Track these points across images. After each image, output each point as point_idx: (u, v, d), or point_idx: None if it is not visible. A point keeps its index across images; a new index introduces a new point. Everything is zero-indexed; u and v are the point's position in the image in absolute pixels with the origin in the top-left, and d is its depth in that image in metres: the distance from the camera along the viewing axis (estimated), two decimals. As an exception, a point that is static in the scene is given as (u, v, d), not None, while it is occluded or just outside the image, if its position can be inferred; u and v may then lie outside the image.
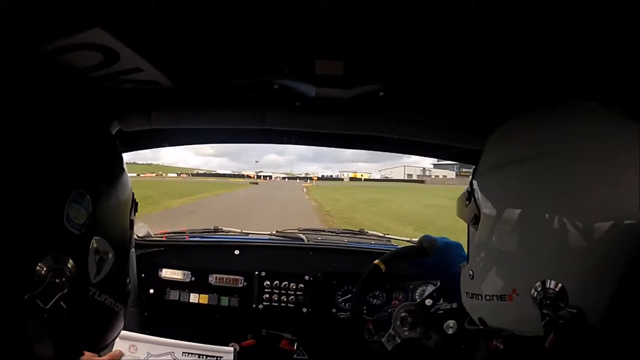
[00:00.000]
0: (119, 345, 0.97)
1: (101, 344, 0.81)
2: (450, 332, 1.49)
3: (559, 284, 0.63)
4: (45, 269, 0.60)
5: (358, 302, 1.43)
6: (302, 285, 1.66)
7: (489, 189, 0.75)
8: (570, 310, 0.62)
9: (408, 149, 1.40)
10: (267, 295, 1.66)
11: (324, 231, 2.05)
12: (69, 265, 0.63)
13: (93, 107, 0.84)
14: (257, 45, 0.83)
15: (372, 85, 0.99)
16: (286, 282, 1.66)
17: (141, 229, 1.74)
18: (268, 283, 1.66)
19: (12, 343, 0.58)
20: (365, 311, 1.52)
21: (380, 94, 1.02)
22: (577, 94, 0.76)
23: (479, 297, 0.75)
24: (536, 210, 0.66)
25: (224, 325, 1.67)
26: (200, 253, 1.76)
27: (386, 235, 1.99)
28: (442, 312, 1.49)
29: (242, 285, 1.66)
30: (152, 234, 1.82)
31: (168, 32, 0.76)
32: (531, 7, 0.61)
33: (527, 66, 0.80)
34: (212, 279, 1.66)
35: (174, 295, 1.65)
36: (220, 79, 1.03)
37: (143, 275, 1.65)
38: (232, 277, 1.67)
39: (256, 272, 1.67)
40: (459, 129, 1.15)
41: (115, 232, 0.77)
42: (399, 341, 1.42)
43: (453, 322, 1.48)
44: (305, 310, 1.65)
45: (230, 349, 1.05)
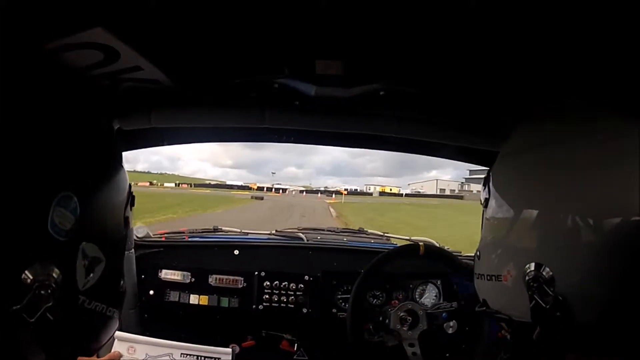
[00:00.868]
0: (117, 347, 0.97)
1: (94, 347, 0.79)
2: (450, 331, 1.49)
3: (547, 269, 0.65)
4: (29, 280, 0.57)
5: (357, 299, 1.43)
6: (302, 285, 1.65)
7: (497, 175, 0.80)
8: (556, 297, 0.64)
9: (408, 148, 1.40)
10: (267, 296, 1.65)
11: (323, 230, 2.04)
12: (54, 275, 0.60)
13: (84, 103, 0.82)
14: (257, 44, 0.83)
15: (371, 85, 0.99)
16: (286, 282, 1.66)
17: (140, 230, 1.73)
18: (268, 283, 1.66)
19: (3, 354, 0.57)
20: (365, 311, 1.52)
21: (380, 93, 1.02)
22: (577, 92, 0.76)
23: (482, 277, 0.79)
24: (535, 196, 0.70)
25: (224, 326, 1.66)
26: (200, 253, 1.75)
27: (385, 234, 1.98)
28: (442, 312, 1.49)
29: (242, 286, 1.65)
30: (152, 234, 1.81)
31: (168, 31, 0.76)
32: (531, 7, 0.61)
33: (527, 65, 0.79)
34: (212, 279, 1.65)
35: (173, 296, 1.64)
36: (220, 78, 1.02)
37: (143, 276, 1.65)
38: (232, 277, 1.66)
39: (256, 272, 1.66)
40: (459, 127, 1.15)
41: (106, 235, 0.74)
42: (397, 341, 1.42)
43: (453, 322, 1.48)
44: (305, 310, 1.64)
45: (229, 350, 1.05)
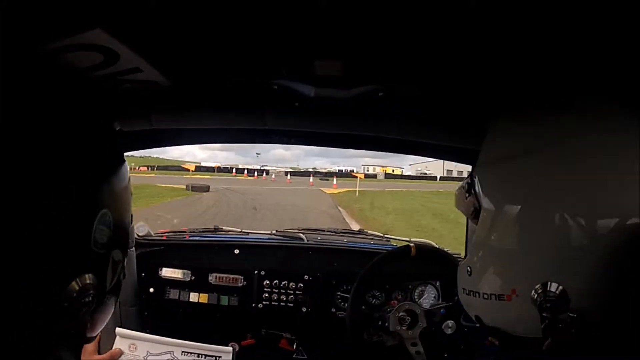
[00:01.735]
0: (118, 344, 0.98)
1: (94, 334, 0.81)
2: (449, 332, 1.50)
3: (560, 287, 0.61)
4: (75, 290, 0.61)
5: (356, 300, 1.44)
6: (302, 285, 1.66)
7: (491, 183, 0.73)
8: (571, 315, 0.60)
9: (408, 149, 1.40)
10: (267, 295, 1.66)
11: (323, 231, 2.05)
12: (94, 283, 0.65)
13: (101, 111, 0.85)
14: (257, 45, 0.83)
15: (371, 86, 0.99)
16: (286, 282, 1.67)
17: (141, 228, 1.74)
18: (268, 282, 1.67)
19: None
20: (364, 311, 1.53)
21: (379, 94, 1.02)
22: (578, 92, 0.76)
23: (477, 295, 0.73)
24: (538, 207, 0.64)
25: (223, 324, 1.67)
26: (200, 252, 1.76)
27: (385, 235, 1.99)
28: (441, 312, 1.50)
29: (241, 285, 1.66)
30: (153, 233, 1.82)
31: (168, 32, 0.76)
32: (531, 7, 0.61)
33: (528, 65, 0.80)
34: (212, 278, 1.66)
35: (173, 294, 1.65)
36: (220, 79, 1.03)
37: (143, 274, 1.66)
38: (231, 276, 1.67)
39: (256, 272, 1.67)
40: (459, 129, 1.15)
41: (125, 237, 0.78)
42: (397, 341, 1.43)
43: (452, 322, 1.49)
44: (304, 309, 1.65)
45: (229, 348, 1.05)
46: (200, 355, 1.04)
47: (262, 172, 48.65)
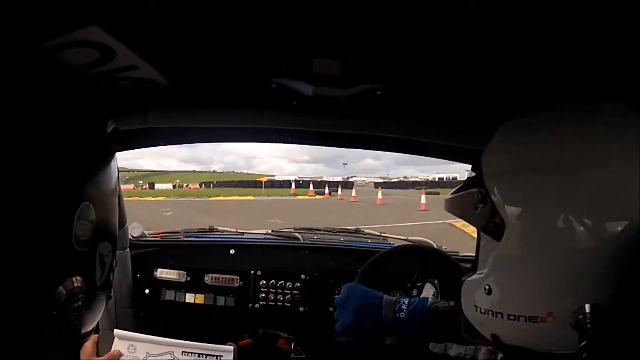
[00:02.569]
0: (117, 345, 0.96)
1: (88, 331, 0.80)
2: None
3: (597, 304, 0.58)
4: (62, 299, 0.59)
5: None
6: (299, 285, 1.66)
7: (521, 195, 0.65)
8: (609, 331, 0.58)
9: (407, 149, 1.41)
10: (264, 295, 1.66)
11: (319, 230, 2.04)
12: (81, 285, 0.62)
13: (91, 108, 0.83)
14: (256, 44, 0.83)
15: (369, 85, 0.99)
16: (282, 282, 1.66)
17: (136, 229, 1.72)
18: (264, 282, 1.66)
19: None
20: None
21: (378, 92, 1.02)
22: (578, 92, 0.76)
23: (499, 315, 0.67)
24: (577, 224, 0.59)
25: (220, 325, 1.66)
26: (196, 253, 1.75)
27: (382, 234, 2.00)
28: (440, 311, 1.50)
29: (237, 285, 1.65)
30: (147, 233, 1.80)
31: (165, 30, 0.75)
32: (531, 7, 0.62)
33: (528, 65, 0.80)
34: (208, 278, 1.65)
35: (169, 295, 1.64)
36: (217, 77, 1.02)
37: (138, 275, 1.64)
38: (227, 276, 1.66)
39: (252, 272, 1.66)
40: (459, 128, 1.16)
41: (113, 228, 0.76)
42: (395, 340, 1.43)
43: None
44: (301, 309, 1.65)
45: (230, 348, 1.04)
46: (201, 355, 1.03)
47: (348, 184, 39.38)
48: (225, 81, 1.04)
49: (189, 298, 1.63)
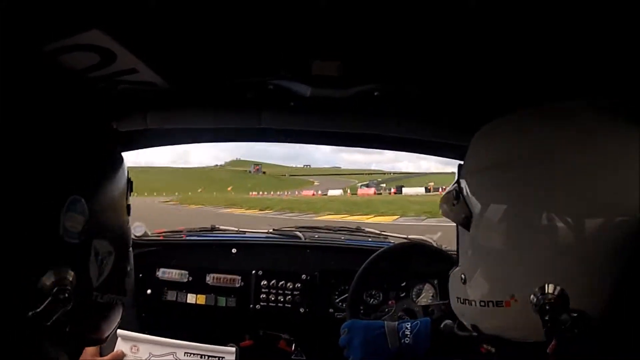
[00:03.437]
0: (120, 346, 0.97)
1: (104, 336, 0.79)
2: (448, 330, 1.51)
3: (558, 288, 0.61)
4: (46, 286, 0.58)
5: (354, 298, 1.44)
6: (299, 285, 1.66)
7: (483, 189, 0.72)
8: (572, 315, 0.60)
9: (405, 148, 1.41)
10: (264, 295, 1.66)
11: (320, 229, 2.04)
12: (70, 278, 0.62)
13: (88, 108, 0.83)
14: (254, 45, 0.83)
15: (367, 86, 0.99)
16: (283, 282, 1.66)
17: (138, 229, 1.73)
18: (265, 282, 1.66)
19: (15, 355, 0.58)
20: (362, 311, 1.53)
21: (375, 93, 1.02)
22: (576, 92, 0.76)
23: (472, 303, 0.72)
24: (530, 211, 0.64)
25: (221, 326, 1.67)
26: (198, 252, 1.75)
27: (383, 233, 2.00)
28: (439, 311, 1.50)
29: (239, 285, 1.66)
30: (149, 233, 1.81)
31: (165, 33, 0.76)
32: (531, 7, 0.62)
33: (527, 65, 0.80)
34: (210, 278, 1.66)
35: (171, 295, 1.64)
36: (216, 79, 1.03)
37: (140, 275, 1.64)
38: (229, 276, 1.66)
39: (253, 272, 1.67)
40: (458, 127, 1.16)
41: (114, 227, 0.75)
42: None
43: (450, 321, 1.49)
44: (302, 310, 1.65)
45: (232, 349, 1.05)
46: (203, 356, 1.04)
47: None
48: (225, 83, 1.05)
49: (191, 299, 1.64)
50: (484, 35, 0.71)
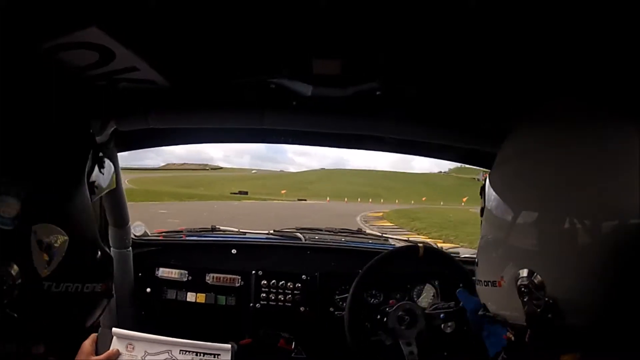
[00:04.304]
0: (116, 344, 0.97)
1: (86, 324, 0.77)
2: (448, 330, 1.49)
3: (535, 274, 0.67)
4: None
5: (355, 298, 1.43)
6: (299, 285, 1.66)
7: (492, 183, 0.81)
8: (547, 301, 0.64)
9: (406, 149, 1.40)
10: (265, 295, 1.66)
11: (321, 230, 2.04)
12: (10, 270, 0.60)
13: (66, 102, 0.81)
14: (256, 45, 0.83)
15: (369, 85, 0.99)
16: (283, 282, 1.66)
17: (138, 228, 1.73)
18: (265, 282, 1.66)
19: None
20: (362, 310, 1.52)
21: (377, 93, 1.02)
22: (576, 94, 0.76)
23: (481, 283, 0.80)
24: (516, 203, 0.73)
25: (221, 324, 1.66)
26: (197, 252, 1.75)
27: (383, 235, 1.99)
28: (439, 311, 1.49)
29: (239, 285, 1.66)
30: (149, 232, 1.81)
31: (164, 31, 0.76)
32: (531, 7, 0.61)
33: (526, 66, 0.80)
34: (209, 278, 1.66)
35: (171, 294, 1.64)
36: (217, 78, 1.03)
37: (140, 274, 1.65)
38: (229, 276, 1.66)
39: (253, 272, 1.66)
40: (458, 128, 1.16)
41: (64, 208, 0.71)
42: (394, 341, 1.42)
43: (451, 322, 1.48)
44: (302, 309, 1.65)
45: (228, 346, 1.05)
46: (199, 354, 1.04)
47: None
48: (226, 82, 1.05)
49: (190, 297, 1.64)
50: (483, 35, 0.71)
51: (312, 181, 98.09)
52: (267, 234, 1.92)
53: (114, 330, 1.00)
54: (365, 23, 0.72)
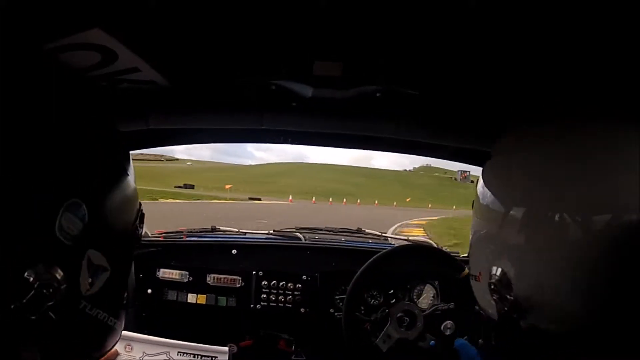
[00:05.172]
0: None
1: (94, 355, 0.79)
2: (448, 332, 1.50)
3: (503, 271, 0.68)
4: (33, 278, 0.59)
5: (352, 298, 1.43)
6: (300, 285, 1.66)
7: (481, 179, 0.82)
8: (513, 300, 0.65)
9: (406, 149, 1.40)
10: (265, 295, 1.66)
11: (321, 230, 2.04)
12: (57, 276, 0.62)
13: (95, 107, 0.83)
14: (257, 46, 0.83)
15: (368, 87, 0.99)
16: (284, 282, 1.66)
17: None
18: (265, 283, 1.66)
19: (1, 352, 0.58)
20: (362, 311, 1.52)
21: (377, 94, 1.02)
22: (575, 94, 0.76)
23: (471, 278, 0.82)
24: (494, 201, 0.74)
25: (221, 325, 1.66)
26: (198, 253, 1.75)
27: (383, 234, 1.99)
28: (439, 312, 1.49)
29: (239, 285, 1.66)
30: (150, 233, 1.81)
31: (166, 32, 0.76)
32: (531, 8, 0.61)
33: (527, 66, 0.80)
34: (210, 279, 1.66)
35: (171, 295, 1.65)
36: (218, 79, 1.03)
37: (141, 275, 1.65)
38: (229, 277, 1.66)
39: (254, 272, 1.66)
40: (457, 128, 1.15)
41: (114, 245, 0.75)
42: (394, 341, 1.42)
43: (451, 322, 1.48)
44: (303, 310, 1.65)
45: (225, 349, 1.05)
46: (196, 356, 1.04)
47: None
48: (227, 83, 1.05)
49: (191, 298, 1.64)
50: (483, 36, 0.71)
51: (271, 174, 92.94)
52: (267, 234, 1.92)
53: None
54: (366, 25, 0.72)
